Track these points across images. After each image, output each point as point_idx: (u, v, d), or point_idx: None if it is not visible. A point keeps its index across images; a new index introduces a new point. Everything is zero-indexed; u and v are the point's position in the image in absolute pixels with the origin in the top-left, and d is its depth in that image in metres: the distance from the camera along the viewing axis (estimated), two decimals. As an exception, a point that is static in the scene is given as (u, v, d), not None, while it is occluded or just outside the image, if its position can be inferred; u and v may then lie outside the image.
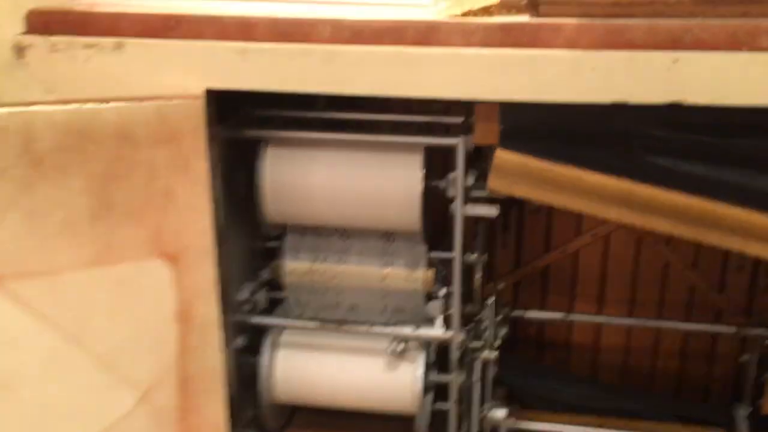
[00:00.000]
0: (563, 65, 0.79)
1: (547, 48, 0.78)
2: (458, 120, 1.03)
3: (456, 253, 1.00)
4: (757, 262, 1.27)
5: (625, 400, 1.31)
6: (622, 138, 0.86)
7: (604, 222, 1.30)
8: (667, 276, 1.33)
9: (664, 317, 1.34)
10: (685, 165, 0.85)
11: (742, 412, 1.19)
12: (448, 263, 1.15)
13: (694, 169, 0.85)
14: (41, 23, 0.88)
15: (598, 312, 1.36)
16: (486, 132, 0.88)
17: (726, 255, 1.29)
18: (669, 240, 1.29)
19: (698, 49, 0.76)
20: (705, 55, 0.76)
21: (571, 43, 0.78)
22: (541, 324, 1.38)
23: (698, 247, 1.30)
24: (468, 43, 0.80)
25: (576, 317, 1.26)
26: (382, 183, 1.01)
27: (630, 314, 1.36)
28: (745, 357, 1.16)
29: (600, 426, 1.24)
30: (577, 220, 1.33)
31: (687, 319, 1.33)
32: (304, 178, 1.04)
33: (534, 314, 1.25)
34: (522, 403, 1.29)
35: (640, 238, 1.31)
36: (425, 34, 0.81)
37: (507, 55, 0.79)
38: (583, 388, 1.33)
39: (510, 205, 1.28)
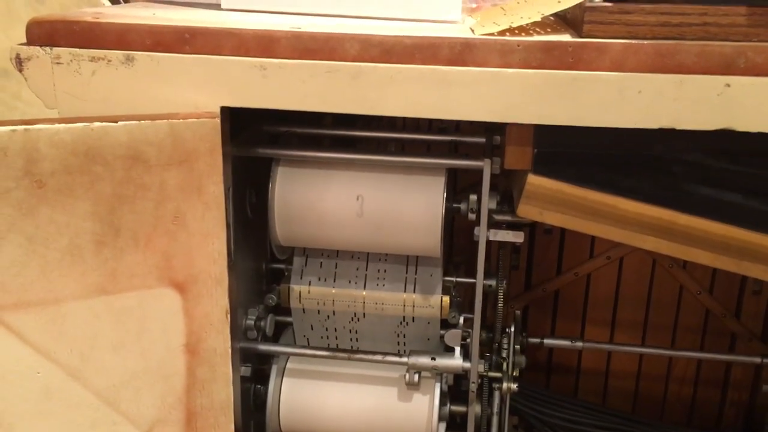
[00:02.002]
0: (608, 88, 0.74)
1: (591, 70, 0.74)
2: (480, 140, 0.99)
3: (478, 279, 0.95)
4: (774, 287, 1.24)
5: (637, 429, 1.28)
6: (662, 165, 0.82)
7: (617, 244, 1.27)
8: (682, 300, 1.30)
9: (678, 342, 1.31)
10: (727, 195, 0.81)
11: (762, 443, 1.15)
12: (461, 288, 1.11)
13: (737, 198, 0.81)
14: (44, 34, 0.81)
15: (611, 336, 1.33)
16: (518, 156, 0.84)
17: (743, 279, 1.26)
18: (685, 263, 1.26)
19: (752, 75, 0.72)
20: (759, 80, 0.72)
21: (617, 65, 0.73)
22: (551, 348, 1.34)
23: (714, 271, 1.27)
24: (506, 64, 0.75)
25: (588, 345, 1.22)
26: (402, 205, 0.96)
27: (643, 338, 1.32)
28: (767, 387, 1.13)
29: (615, 456, 1.20)
30: (590, 241, 1.29)
31: (701, 344, 1.30)
32: (316, 199, 0.98)
33: (547, 341, 1.20)
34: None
35: (655, 261, 1.28)
36: (461, 53, 0.76)
37: (548, 76, 0.75)
38: (594, 416, 1.29)
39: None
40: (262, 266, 1.09)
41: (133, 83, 0.82)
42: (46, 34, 0.81)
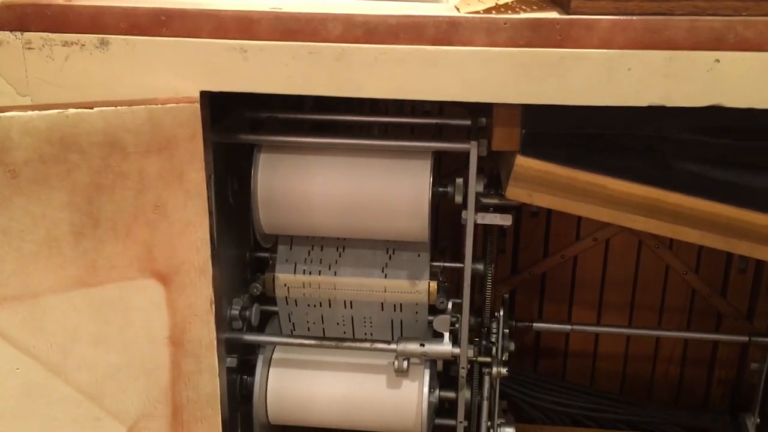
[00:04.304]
0: (597, 66, 0.73)
1: (579, 47, 0.73)
2: (466, 122, 0.97)
3: (467, 264, 0.94)
4: (759, 265, 1.24)
5: (624, 411, 1.28)
6: (650, 144, 0.81)
7: (603, 226, 1.26)
8: (668, 280, 1.29)
9: (665, 322, 1.31)
10: (715, 172, 0.80)
11: (749, 422, 1.16)
12: (447, 273, 1.10)
13: (726, 175, 0.80)
14: (13, 18, 0.78)
15: (598, 318, 1.32)
16: (505, 137, 0.82)
17: (728, 258, 1.26)
18: (671, 244, 1.26)
19: (741, 50, 0.71)
20: (749, 55, 0.71)
21: (606, 42, 0.72)
22: (538, 332, 1.33)
23: (700, 251, 1.27)
24: (493, 43, 0.73)
25: (576, 327, 1.21)
26: (388, 190, 0.94)
27: (630, 319, 1.32)
28: (755, 365, 1.13)
29: (604, 438, 1.20)
30: (576, 224, 1.29)
31: (688, 324, 1.31)
32: (301, 186, 0.96)
33: (536, 325, 1.20)
34: (518, 416, 1.24)
35: (641, 242, 1.27)
36: (446, 32, 0.74)
37: (536, 54, 0.73)
38: (583, 399, 1.29)
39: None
40: (246, 255, 1.07)
41: (109, 68, 0.79)
42: (16, 18, 0.78)
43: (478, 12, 0.75)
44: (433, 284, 1.04)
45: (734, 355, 1.31)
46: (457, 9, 0.78)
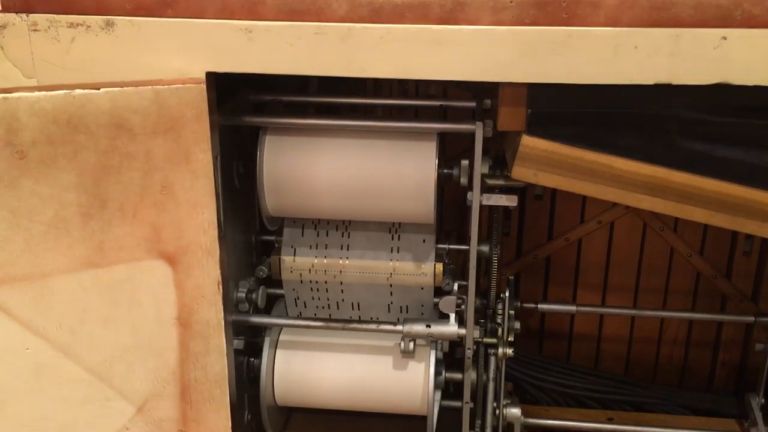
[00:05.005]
0: (603, 44, 0.73)
1: (585, 25, 0.73)
2: (470, 104, 0.97)
3: (472, 244, 0.94)
4: (764, 248, 1.24)
5: (629, 392, 1.28)
6: (656, 123, 0.81)
7: (608, 208, 1.26)
8: (673, 262, 1.29)
9: (670, 305, 1.31)
10: (722, 151, 0.80)
11: (754, 402, 1.16)
12: (453, 256, 1.10)
13: (733, 154, 0.80)
14: (19, 0, 0.78)
15: (602, 301, 1.33)
16: (511, 117, 0.82)
17: (733, 240, 1.26)
18: (675, 226, 1.26)
19: (748, 27, 0.71)
20: (756, 32, 0.71)
21: (613, 20, 0.72)
22: (543, 315, 1.34)
23: (704, 233, 1.27)
24: (499, 21, 0.73)
25: (581, 308, 1.22)
26: (394, 172, 0.95)
27: (634, 302, 1.32)
28: (760, 346, 1.13)
29: (609, 420, 1.20)
30: (581, 206, 1.29)
31: (693, 306, 1.31)
32: (306, 168, 0.97)
33: (541, 306, 1.20)
34: (523, 398, 1.25)
35: (646, 224, 1.27)
36: (452, 11, 0.74)
37: (542, 33, 0.73)
38: (588, 380, 1.29)
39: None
40: (252, 238, 1.07)
41: (114, 50, 0.79)
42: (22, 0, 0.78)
43: (483, -9, 0.75)
44: (439, 266, 1.04)
45: (739, 338, 1.31)
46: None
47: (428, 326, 1.00)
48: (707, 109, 0.79)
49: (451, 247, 1.06)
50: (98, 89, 0.74)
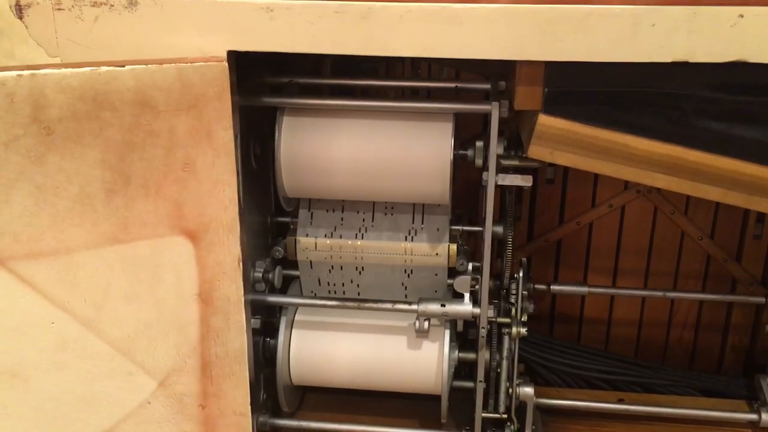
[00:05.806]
0: (622, 22, 0.74)
1: (604, 3, 0.73)
2: (485, 86, 0.98)
3: (487, 226, 0.95)
4: (775, 231, 1.25)
5: (639, 373, 1.29)
6: (672, 101, 0.82)
7: (619, 192, 1.27)
8: (683, 246, 1.30)
9: (680, 288, 1.32)
10: (737, 129, 0.81)
11: (764, 383, 1.17)
12: (466, 238, 1.11)
13: (748, 132, 0.81)
14: (44, -21, 0.80)
15: (613, 284, 1.34)
16: (528, 96, 0.83)
17: (744, 224, 1.27)
18: (686, 209, 1.27)
19: (765, 4, 0.71)
20: (772, 10, 0.72)
21: (630, -2, 0.73)
22: (554, 297, 1.35)
23: (715, 217, 1.28)
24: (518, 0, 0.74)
25: (593, 290, 1.23)
26: (410, 152, 0.96)
27: (645, 286, 1.33)
28: (770, 327, 1.14)
29: (620, 401, 1.21)
30: (592, 190, 1.30)
31: (703, 289, 1.32)
32: (323, 148, 0.98)
33: (554, 287, 1.21)
34: (534, 379, 1.26)
35: (656, 208, 1.28)
36: (471, -10, 0.75)
37: (561, 11, 0.74)
38: (599, 362, 1.30)
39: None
40: (268, 220, 1.08)
41: (137, 29, 0.80)
42: (46, -21, 0.79)
43: (502, -31, 0.76)
44: (453, 247, 1.05)
45: (748, 321, 1.32)
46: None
47: (443, 305, 1.01)
48: (724, 88, 0.80)
49: (465, 228, 1.07)
50: (123, 66, 0.75)
